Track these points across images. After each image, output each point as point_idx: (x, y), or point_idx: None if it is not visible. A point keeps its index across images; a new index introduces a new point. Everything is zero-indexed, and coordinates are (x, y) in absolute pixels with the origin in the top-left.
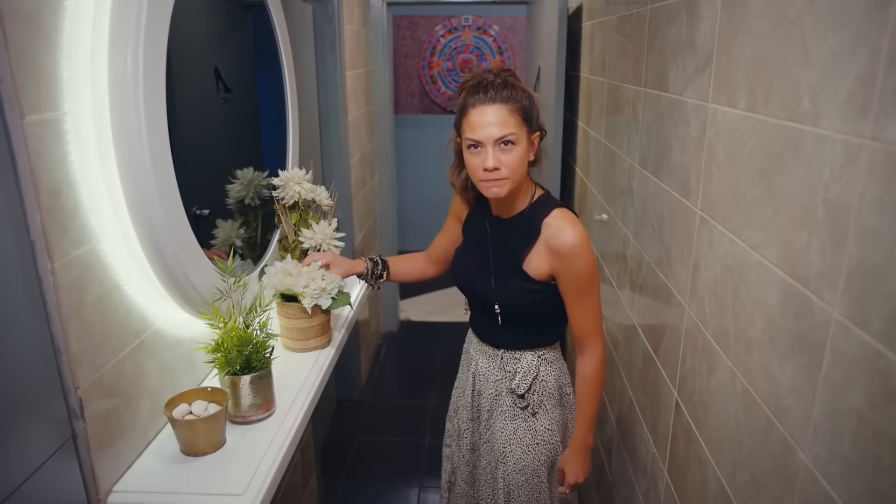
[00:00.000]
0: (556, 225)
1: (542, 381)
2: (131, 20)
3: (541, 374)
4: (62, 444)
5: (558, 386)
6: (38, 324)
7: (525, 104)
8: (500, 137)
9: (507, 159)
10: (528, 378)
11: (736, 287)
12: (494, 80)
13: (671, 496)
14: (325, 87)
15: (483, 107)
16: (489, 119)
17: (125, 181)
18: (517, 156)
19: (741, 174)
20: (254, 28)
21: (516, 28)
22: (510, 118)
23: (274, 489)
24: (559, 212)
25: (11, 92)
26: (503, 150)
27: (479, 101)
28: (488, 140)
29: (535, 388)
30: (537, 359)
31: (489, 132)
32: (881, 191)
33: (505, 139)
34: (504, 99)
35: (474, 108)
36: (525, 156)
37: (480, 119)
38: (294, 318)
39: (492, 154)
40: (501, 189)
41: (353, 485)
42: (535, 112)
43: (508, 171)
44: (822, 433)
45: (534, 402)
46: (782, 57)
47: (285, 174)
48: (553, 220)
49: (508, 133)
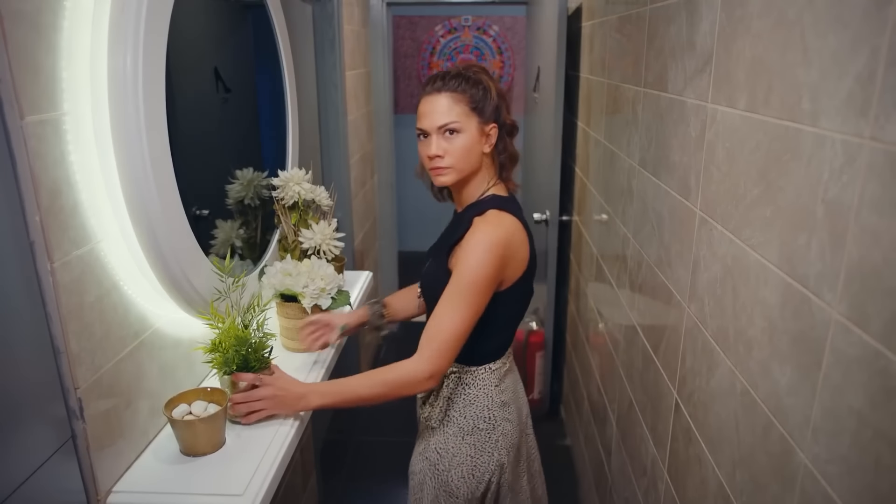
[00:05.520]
0: (477, 223)
1: (445, 398)
2: (131, 20)
3: (446, 390)
4: (62, 444)
5: (467, 415)
6: (37, 324)
7: (476, 94)
8: (443, 125)
9: (450, 147)
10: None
11: (736, 287)
12: (448, 73)
13: (671, 496)
14: (324, 87)
15: (429, 97)
16: (433, 107)
17: (125, 181)
18: (461, 144)
19: (741, 174)
20: (254, 28)
21: (516, 28)
22: (455, 106)
23: (274, 489)
24: (493, 213)
25: (11, 92)
26: (447, 139)
27: (427, 92)
28: (431, 128)
29: (434, 401)
30: (449, 373)
31: (432, 120)
32: (881, 191)
33: (448, 127)
34: (451, 88)
35: (424, 97)
36: (472, 145)
37: (425, 108)
38: (294, 318)
39: (435, 141)
40: (446, 178)
41: (353, 485)
42: (492, 104)
43: (452, 160)
44: (821, 433)
45: (432, 415)
46: (782, 57)
47: (285, 174)
48: (480, 218)
49: (451, 121)
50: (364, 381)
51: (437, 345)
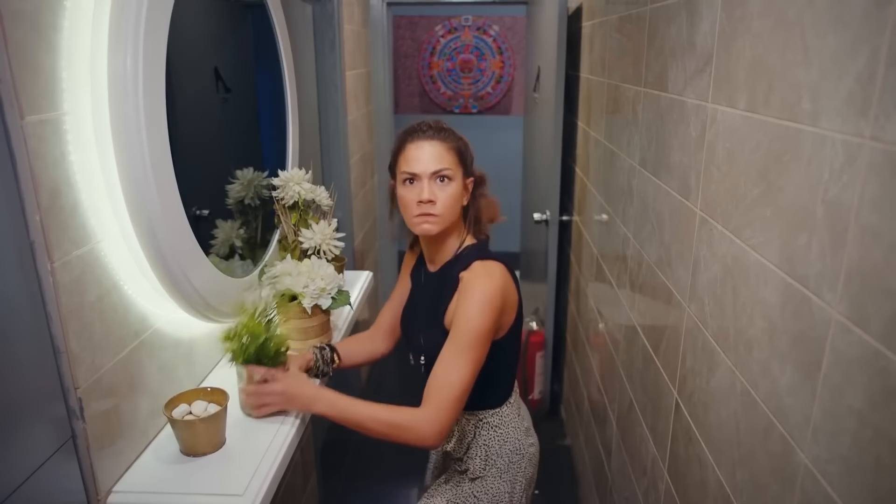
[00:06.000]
0: (468, 278)
1: (483, 447)
2: (131, 20)
3: (480, 439)
4: (62, 444)
5: (504, 454)
6: (37, 324)
7: (460, 146)
8: (437, 171)
9: (442, 195)
10: (464, 442)
11: (736, 287)
12: (430, 124)
13: (671, 496)
14: (325, 87)
15: (420, 142)
16: (426, 152)
17: (125, 181)
18: (451, 193)
19: (741, 174)
20: (254, 28)
21: (516, 28)
22: (447, 154)
23: (274, 489)
24: (479, 265)
25: (11, 92)
26: (439, 186)
27: (417, 138)
28: (424, 173)
29: (474, 453)
30: (476, 422)
31: (426, 164)
32: (881, 191)
33: (441, 174)
34: (441, 138)
35: (412, 143)
36: (459, 197)
37: (417, 153)
38: (294, 318)
39: (427, 186)
40: (433, 226)
41: (353, 485)
42: (470, 158)
43: (442, 208)
44: (821, 433)
45: (473, 467)
46: (782, 57)
47: (285, 174)
48: (468, 273)
49: (445, 167)
50: (371, 414)
51: (446, 396)
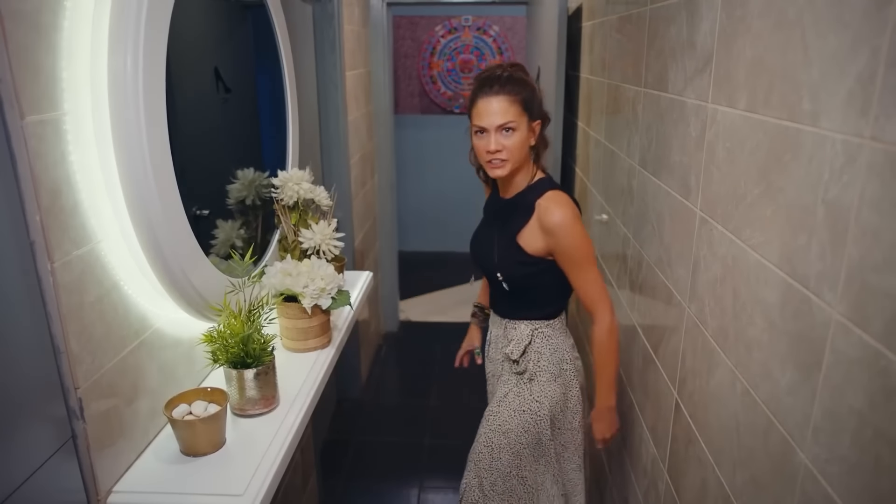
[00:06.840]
0: (544, 206)
1: (536, 352)
2: (131, 20)
3: (535, 345)
4: (62, 444)
5: (555, 361)
6: (37, 324)
7: (526, 96)
8: (502, 124)
9: (507, 143)
10: (521, 345)
11: (736, 287)
12: (501, 75)
13: (671, 496)
14: (325, 88)
15: (488, 98)
16: (493, 108)
17: (125, 181)
18: (517, 141)
19: (741, 174)
20: (254, 28)
21: (516, 28)
22: (511, 108)
23: (274, 489)
24: (552, 193)
25: (11, 92)
26: (504, 136)
27: (485, 93)
28: (491, 126)
29: (529, 357)
30: (532, 330)
31: (492, 119)
32: (881, 191)
33: (506, 126)
34: (507, 91)
35: (481, 98)
36: (525, 141)
37: (485, 108)
38: (294, 318)
39: (494, 138)
40: (503, 170)
41: (353, 485)
42: (537, 102)
43: (508, 154)
44: (821, 433)
45: (529, 369)
46: (782, 57)
47: (285, 174)
48: (544, 200)
49: (509, 121)
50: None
51: (598, 295)
